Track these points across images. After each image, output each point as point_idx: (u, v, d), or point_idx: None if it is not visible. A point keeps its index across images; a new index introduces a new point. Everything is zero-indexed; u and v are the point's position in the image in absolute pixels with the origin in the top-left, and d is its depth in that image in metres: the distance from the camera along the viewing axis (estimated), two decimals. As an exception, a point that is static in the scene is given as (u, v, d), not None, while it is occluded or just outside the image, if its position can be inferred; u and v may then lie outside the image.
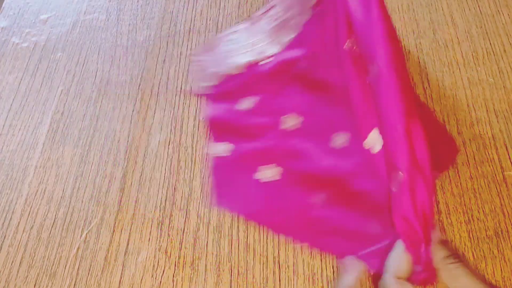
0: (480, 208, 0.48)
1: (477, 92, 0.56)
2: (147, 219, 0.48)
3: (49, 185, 0.50)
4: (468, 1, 0.64)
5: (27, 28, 0.63)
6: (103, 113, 0.55)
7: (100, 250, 0.46)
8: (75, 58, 0.60)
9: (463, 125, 0.54)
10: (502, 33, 0.61)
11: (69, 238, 0.47)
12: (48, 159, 0.52)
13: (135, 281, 0.45)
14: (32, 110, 0.56)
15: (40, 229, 0.48)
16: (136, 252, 0.46)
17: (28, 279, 0.45)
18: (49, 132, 0.54)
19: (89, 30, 0.63)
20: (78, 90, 0.57)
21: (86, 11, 0.65)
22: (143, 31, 0.63)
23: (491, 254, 0.45)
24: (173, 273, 0.45)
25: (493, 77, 0.57)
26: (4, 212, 0.49)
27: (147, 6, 0.66)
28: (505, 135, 0.53)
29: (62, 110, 0.56)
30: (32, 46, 0.62)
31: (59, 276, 0.45)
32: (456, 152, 0.50)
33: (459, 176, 0.50)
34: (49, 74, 0.59)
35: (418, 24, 0.62)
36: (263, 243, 0.47)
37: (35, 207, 0.49)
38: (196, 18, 0.65)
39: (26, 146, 0.53)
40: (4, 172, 0.51)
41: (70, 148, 0.53)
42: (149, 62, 0.60)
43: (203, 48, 0.60)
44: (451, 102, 0.56)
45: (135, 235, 0.47)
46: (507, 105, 0.55)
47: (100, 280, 0.45)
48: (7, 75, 0.59)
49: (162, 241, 0.47)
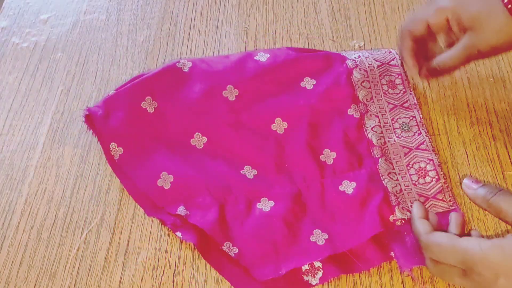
0: (480, 208, 0.48)
1: (477, 92, 0.56)
2: (147, 219, 0.48)
3: (49, 185, 0.50)
4: (468, 1, 0.64)
5: (27, 28, 0.63)
6: (103, 113, 0.55)
7: (100, 250, 0.46)
8: (75, 58, 0.60)
9: (463, 125, 0.54)
10: (502, 33, 0.61)
11: (69, 238, 0.47)
12: (48, 159, 0.52)
13: (135, 281, 0.45)
14: (32, 110, 0.56)
15: (40, 229, 0.48)
16: (136, 252, 0.46)
17: (28, 279, 0.45)
18: (49, 132, 0.54)
19: (89, 30, 0.63)
20: (78, 90, 0.57)
21: (86, 11, 0.65)
22: (143, 31, 0.63)
23: (491, 254, 0.45)
24: (173, 273, 0.45)
25: (493, 77, 0.57)
26: (4, 212, 0.49)
27: (147, 6, 0.66)
28: (505, 135, 0.53)
29: (62, 110, 0.56)
30: (32, 46, 0.62)
31: (59, 276, 0.45)
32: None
33: (459, 176, 0.50)
34: (49, 74, 0.59)
35: (418, 24, 0.62)
36: (263, 243, 0.47)
37: (35, 207, 0.49)
38: (196, 18, 0.65)
39: (26, 146, 0.53)
40: (4, 172, 0.51)
41: (70, 148, 0.53)
42: (149, 62, 0.60)
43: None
44: (451, 102, 0.56)
45: (135, 235, 0.47)
46: (507, 105, 0.55)
47: (100, 280, 0.45)
48: (7, 75, 0.59)
49: (162, 241, 0.47)
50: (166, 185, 0.49)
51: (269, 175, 0.50)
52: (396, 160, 0.50)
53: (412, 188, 0.48)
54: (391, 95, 0.54)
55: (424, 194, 0.47)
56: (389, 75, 0.55)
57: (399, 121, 0.52)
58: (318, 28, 0.63)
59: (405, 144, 0.50)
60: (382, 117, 0.52)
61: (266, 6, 0.65)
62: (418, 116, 0.52)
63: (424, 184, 0.48)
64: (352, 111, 0.52)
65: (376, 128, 0.51)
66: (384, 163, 0.49)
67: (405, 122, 0.52)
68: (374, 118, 0.52)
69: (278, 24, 0.64)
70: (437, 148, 0.51)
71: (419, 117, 0.52)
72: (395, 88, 0.54)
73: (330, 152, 0.50)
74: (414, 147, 0.50)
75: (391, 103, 0.53)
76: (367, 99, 0.53)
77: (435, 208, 0.46)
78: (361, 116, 0.52)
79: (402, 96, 0.54)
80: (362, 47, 0.60)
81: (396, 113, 0.53)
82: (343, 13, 0.64)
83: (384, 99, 0.54)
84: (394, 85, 0.54)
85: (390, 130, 0.51)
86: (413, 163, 0.49)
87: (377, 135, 0.51)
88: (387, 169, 0.49)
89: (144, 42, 0.62)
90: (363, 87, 0.54)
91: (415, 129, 0.51)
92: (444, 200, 0.47)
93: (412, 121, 0.52)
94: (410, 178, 0.48)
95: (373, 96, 0.54)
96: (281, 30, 0.63)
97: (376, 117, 0.52)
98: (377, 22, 0.63)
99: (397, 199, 0.46)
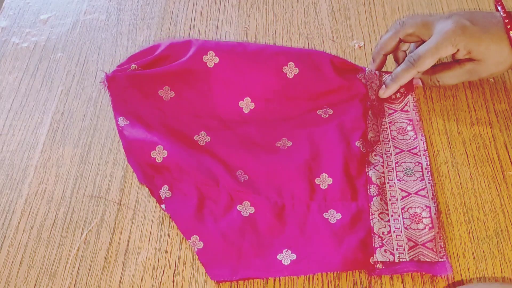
0: (480, 208, 0.48)
1: (477, 92, 0.56)
2: (147, 219, 0.48)
3: (49, 185, 0.50)
4: (468, 1, 0.64)
5: (27, 28, 0.63)
6: (103, 113, 0.55)
7: (100, 250, 0.46)
8: (75, 58, 0.60)
9: (463, 125, 0.54)
10: (502, 33, 0.61)
11: (69, 238, 0.47)
12: (48, 159, 0.52)
13: (135, 281, 0.45)
14: (32, 110, 0.56)
15: (40, 229, 0.48)
16: (136, 252, 0.46)
17: (28, 279, 0.45)
18: (49, 132, 0.54)
19: (89, 30, 0.63)
20: (78, 90, 0.57)
21: (86, 11, 0.65)
22: (143, 31, 0.63)
23: (491, 254, 0.45)
24: (173, 273, 0.45)
25: (493, 77, 0.57)
26: (4, 212, 0.49)
27: (147, 6, 0.66)
28: (505, 135, 0.53)
29: (62, 110, 0.56)
30: (32, 46, 0.62)
31: (59, 276, 0.45)
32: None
33: (459, 176, 0.50)
34: (49, 74, 0.59)
35: (418, 24, 0.62)
36: (263, 243, 0.47)
37: (35, 207, 0.49)
38: (196, 18, 0.65)
39: (26, 146, 0.53)
40: (4, 172, 0.51)
41: (70, 148, 0.53)
42: (149, 62, 0.60)
43: None
44: (451, 102, 0.56)
45: (135, 235, 0.47)
46: (507, 105, 0.55)
47: (100, 280, 0.45)
48: (7, 75, 0.59)
49: (162, 241, 0.47)
50: (158, 158, 0.50)
51: (259, 183, 0.49)
52: (392, 202, 0.48)
53: (402, 231, 0.46)
54: (400, 140, 0.53)
55: (413, 239, 0.45)
56: (400, 122, 0.54)
57: (403, 165, 0.50)
58: (318, 28, 0.63)
59: (405, 188, 0.49)
60: (387, 158, 0.51)
61: (266, 6, 0.65)
62: (425, 162, 0.50)
63: (416, 230, 0.46)
64: (359, 144, 0.51)
65: (378, 167, 0.50)
66: (378, 203, 0.47)
67: (410, 167, 0.50)
68: (378, 158, 0.51)
69: (278, 24, 0.64)
70: (436, 190, 0.49)
71: (426, 164, 0.50)
72: (406, 134, 0.53)
73: (327, 177, 0.49)
74: (413, 192, 0.48)
75: (398, 147, 0.52)
76: (374, 140, 0.52)
77: (423, 256, 0.44)
78: (367, 152, 0.51)
79: (411, 142, 0.52)
80: (362, 47, 0.60)
81: (402, 157, 0.51)
82: (343, 13, 0.64)
83: (391, 143, 0.52)
84: (404, 131, 0.53)
85: (392, 172, 0.50)
86: (408, 207, 0.47)
87: (378, 174, 0.49)
88: (380, 208, 0.47)
89: (144, 42, 0.62)
90: (372, 129, 0.53)
91: (419, 175, 0.49)
92: (434, 250, 0.44)
93: (417, 166, 0.50)
94: (403, 222, 0.46)
95: (380, 139, 0.52)
96: (281, 30, 0.63)
97: (381, 157, 0.51)
98: (377, 22, 0.63)
99: (382, 241, 0.45)
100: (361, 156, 0.50)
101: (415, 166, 0.50)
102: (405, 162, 0.51)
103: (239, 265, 0.44)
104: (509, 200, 0.48)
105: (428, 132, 0.53)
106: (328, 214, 0.47)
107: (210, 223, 0.47)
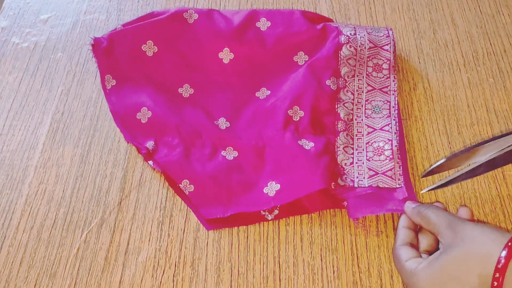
0: (480, 208, 0.48)
1: (477, 92, 0.56)
2: (147, 219, 0.48)
3: (49, 185, 0.50)
4: (468, 1, 0.64)
5: (27, 28, 0.63)
6: (103, 113, 0.55)
7: (100, 250, 0.46)
8: (75, 58, 0.60)
9: (463, 125, 0.54)
10: (502, 33, 0.61)
11: (69, 238, 0.47)
12: (48, 159, 0.52)
13: (135, 281, 0.45)
14: (32, 110, 0.56)
15: (40, 229, 0.48)
16: (136, 252, 0.46)
17: (28, 279, 0.45)
18: (49, 132, 0.54)
19: (89, 30, 0.63)
20: (78, 90, 0.57)
21: (86, 11, 0.65)
22: (143, 31, 0.63)
23: (491, 254, 0.45)
24: (173, 273, 0.45)
25: (493, 77, 0.57)
26: (4, 212, 0.49)
27: (147, 6, 0.66)
28: (505, 135, 0.53)
29: (62, 110, 0.56)
30: (32, 46, 0.62)
31: (59, 276, 0.45)
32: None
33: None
34: (49, 74, 0.59)
35: (418, 24, 0.62)
36: (263, 243, 0.47)
37: (35, 207, 0.49)
38: (196, 18, 0.65)
39: (26, 146, 0.53)
40: (4, 172, 0.51)
41: (70, 148, 0.53)
42: (149, 62, 0.60)
43: None
44: (451, 102, 0.56)
45: (135, 235, 0.47)
46: (507, 105, 0.55)
47: (100, 280, 0.45)
48: (7, 75, 0.59)
49: (162, 241, 0.47)
50: (143, 119, 0.53)
51: (240, 129, 0.53)
52: (358, 137, 0.52)
53: (364, 163, 0.50)
54: (374, 77, 0.55)
55: (374, 169, 0.49)
56: (378, 58, 0.56)
57: (373, 103, 0.54)
58: (318, 28, 0.63)
59: (371, 124, 0.52)
60: (358, 96, 0.54)
61: (266, 6, 0.65)
62: (394, 102, 0.53)
63: (378, 161, 0.50)
64: (330, 82, 0.54)
65: (348, 104, 0.53)
66: (344, 138, 0.51)
67: (378, 105, 0.53)
68: (350, 95, 0.54)
69: (278, 24, 0.64)
70: (406, 134, 0.52)
71: (394, 103, 0.53)
72: (380, 72, 0.55)
73: (299, 110, 0.53)
74: (378, 128, 0.52)
75: (371, 85, 0.55)
76: (348, 76, 0.55)
77: (382, 183, 0.48)
78: (338, 89, 0.54)
79: (384, 80, 0.55)
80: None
81: (372, 95, 0.54)
82: (343, 13, 0.64)
83: (365, 79, 0.55)
84: (380, 68, 0.55)
85: (361, 109, 0.53)
86: (373, 142, 0.51)
87: (347, 110, 0.53)
88: (345, 143, 0.51)
89: (144, 42, 0.62)
90: (348, 64, 0.55)
91: (386, 112, 0.53)
92: (393, 178, 0.48)
93: (385, 104, 0.53)
94: (366, 155, 0.50)
95: (355, 74, 0.55)
96: (281, 30, 0.63)
97: (352, 94, 0.54)
98: (377, 22, 0.63)
99: (343, 171, 0.49)
100: (331, 93, 0.53)
101: (384, 104, 0.53)
102: (375, 100, 0.54)
103: (229, 203, 0.48)
104: (509, 200, 0.48)
105: (428, 132, 0.53)
106: (302, 142, 0.51)
107: (198, 167, 0.50)
